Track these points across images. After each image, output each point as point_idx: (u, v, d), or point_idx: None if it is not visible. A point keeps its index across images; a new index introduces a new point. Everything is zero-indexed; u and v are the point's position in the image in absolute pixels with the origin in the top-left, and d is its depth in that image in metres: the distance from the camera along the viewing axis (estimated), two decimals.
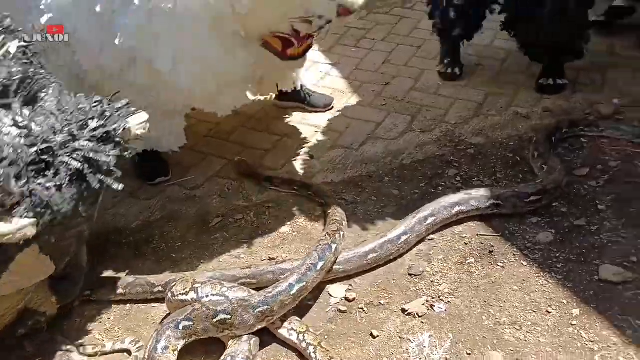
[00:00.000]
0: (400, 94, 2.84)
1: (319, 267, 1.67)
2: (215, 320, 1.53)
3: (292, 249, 1.95)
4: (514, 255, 1.81)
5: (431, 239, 1.93)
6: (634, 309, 1.57)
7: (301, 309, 1.71)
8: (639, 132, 2.25)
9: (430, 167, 2.30)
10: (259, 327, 1.57)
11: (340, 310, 1.69)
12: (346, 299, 1.73)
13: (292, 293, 1.59)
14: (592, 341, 1.49)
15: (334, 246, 1.75)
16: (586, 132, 2.31)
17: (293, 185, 2.25)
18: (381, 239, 1.83)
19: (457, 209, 1.94)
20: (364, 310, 1.69)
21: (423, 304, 1.68)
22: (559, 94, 2.65)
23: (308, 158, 2.45)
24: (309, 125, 2.66)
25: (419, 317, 1.64)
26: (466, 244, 1.89)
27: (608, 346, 1.48)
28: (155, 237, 2.07)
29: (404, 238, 1.84)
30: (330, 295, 1.75)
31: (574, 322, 1.55)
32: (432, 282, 1.76)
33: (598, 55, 2.93)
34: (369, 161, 2.39)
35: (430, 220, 1.91)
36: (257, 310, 1.54)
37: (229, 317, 1.53)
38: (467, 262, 1.82)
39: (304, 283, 1.62)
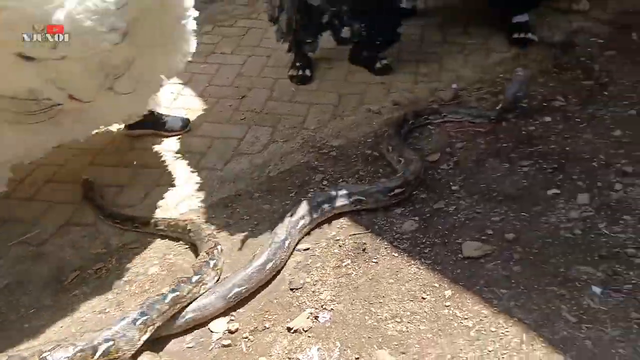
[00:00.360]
0: (257, 105, 2.80)
1: (193, 280, 1.67)
2: (97, 356, 1.44)
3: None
4: (385, 248, 1.86)
5: (307, 249, 1.92)
6: (496, 279, 1.68)
7: (182, 353, 1.59)
8: (476, 112, 2.45)
9: (297, 176, 2.29)
10: (144, 339, 1.54)
11: (224, 345, 1.60)
12: (229, 331, 1.64)
13: (166, 301, 1.58)
14: (466, 318, 1.57)
15: (212, 262, 1.75)
16: (431, 120, 2.46)
17: (115, 218, 2.11)
18: (270, 247, 1.80)
19: (325, 206, 1.98)
20: (249, 339, 1.61)
21: (307, 317, 1.65)
22: (389, 73, 2.90)
23: (170, 187, 2.31)
24: (167, 151, 2.52)
25: (305, 331, 1.61)
26: (340, 246, 1.90)
27: (480, 320, 1.56)
28: (2, 308, 1.80)
29: (287, 242, 1.84)
30: (212, 332, 1.65)
31: (447, 304, 1.63)
32: (313, 292, 1.74)
33: (433, 45, 3.16)
34: (236, 179, 2.32)
35: (302, 222, 1.93)
36: (139, 322, 1.52)
37: (112, 343, 1.46)
38: (344, 264, 1.83)
39: (177, 293, 1.62)
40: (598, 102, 2.48)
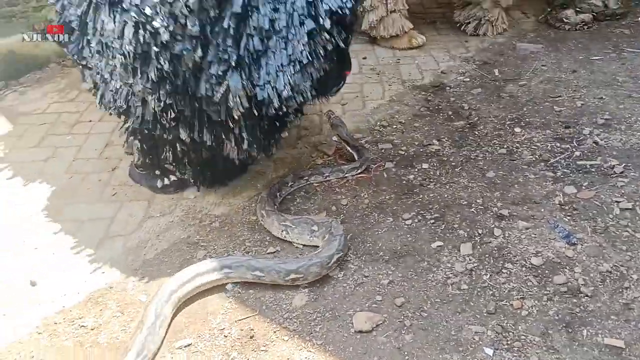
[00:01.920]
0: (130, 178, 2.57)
1: None
2: None
3: None
4: (274, 332, 1.72)
5: (188, 344, 1.72)
6: (390, 354, 1.60)
7: None
8: (353, 165, 2.41)
9: (178, 255, 2.10)
10: None
11: None
12: None
13: None
14: None
15: None
16: (312, 182, 2.39)
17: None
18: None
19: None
20: None
21: None
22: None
23: (30, 285, 2.01)
24: (27, 243, 2.20)
25: None
26: (226, 336, 1.73)
27: None
28: None
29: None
30: None
31: None
32: None
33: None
34: (108, 268, 2.07)
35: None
36: None
37: None
38: (231, 357, 1.66)
39: None
40: (470, 143, 2.57)
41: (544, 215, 2.06)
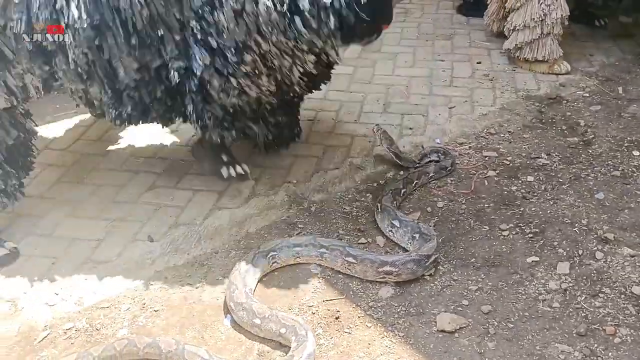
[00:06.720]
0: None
1: None
2: None
3: None
4: (359, 317, 1.81)
5: None
6: (468, 356, 1.63)
7: None
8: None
9: (276, 232, 2.26)
10: None
11: None
12: None
13: None
14: None
15: None
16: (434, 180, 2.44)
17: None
18: None
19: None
20: None
21: None
22: None
23: (147, 241, 2.27)
24: (148, 204, 2.48)
25: None
26: (314, 313, 1.85)
27: None
28: None
29: None
30: None
31: None
32: None
33: (419, 97, 3.16)
34: (214, 235, 2.28)
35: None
36: None
37: None
38: (316, 333, 1.77)
39: None
40: (582, 161, 2.47)
41: None
